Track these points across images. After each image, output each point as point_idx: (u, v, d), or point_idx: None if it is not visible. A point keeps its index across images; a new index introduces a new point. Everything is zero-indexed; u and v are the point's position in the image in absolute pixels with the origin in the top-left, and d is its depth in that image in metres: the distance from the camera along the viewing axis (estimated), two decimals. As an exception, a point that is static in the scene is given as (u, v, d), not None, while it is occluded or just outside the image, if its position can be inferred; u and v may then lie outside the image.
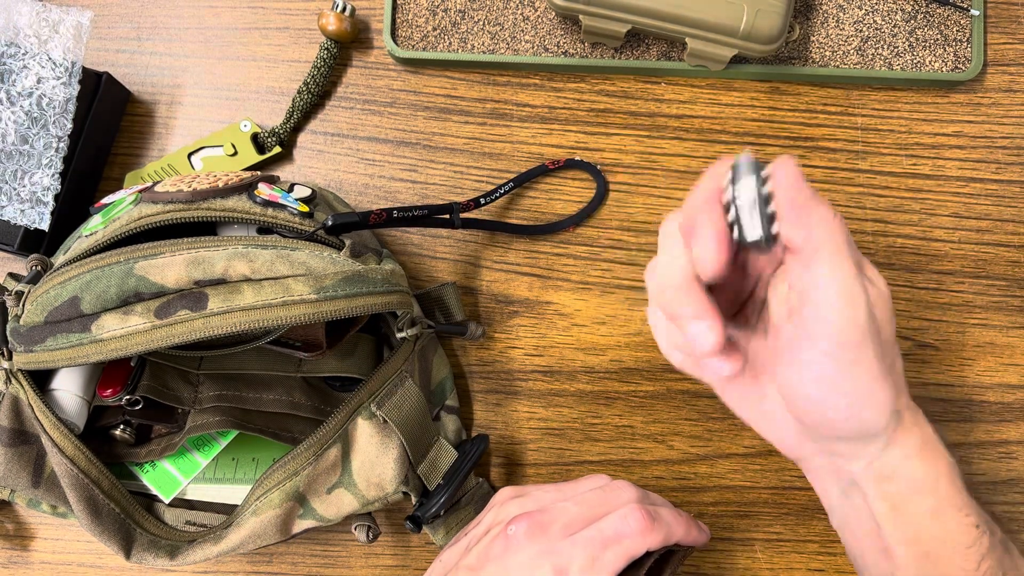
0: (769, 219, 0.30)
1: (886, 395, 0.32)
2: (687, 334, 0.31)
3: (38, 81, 0.42)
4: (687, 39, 0.45)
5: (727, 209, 0.30)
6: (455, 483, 0.41)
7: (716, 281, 0.31)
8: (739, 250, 0.32)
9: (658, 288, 0.32)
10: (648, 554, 0.36)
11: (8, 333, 0.36)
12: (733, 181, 0.30)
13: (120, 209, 0.39)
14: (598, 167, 0.48)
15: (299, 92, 0.47)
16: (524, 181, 0.47)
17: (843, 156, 0.48)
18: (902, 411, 0.33)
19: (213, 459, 0.44)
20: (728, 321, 0.34)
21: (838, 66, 0.48)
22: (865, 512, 0.35)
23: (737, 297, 0.35)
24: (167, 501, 0.43)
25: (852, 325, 0.30)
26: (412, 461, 0.40)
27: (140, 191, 0.39)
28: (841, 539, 0.38)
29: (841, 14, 0.48)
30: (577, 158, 0.48)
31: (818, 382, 0.31)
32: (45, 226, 0.43)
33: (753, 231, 0.30)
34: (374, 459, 0.39)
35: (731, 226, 0.30)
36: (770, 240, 0.30)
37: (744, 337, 0.35)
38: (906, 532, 0.35)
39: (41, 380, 0.39)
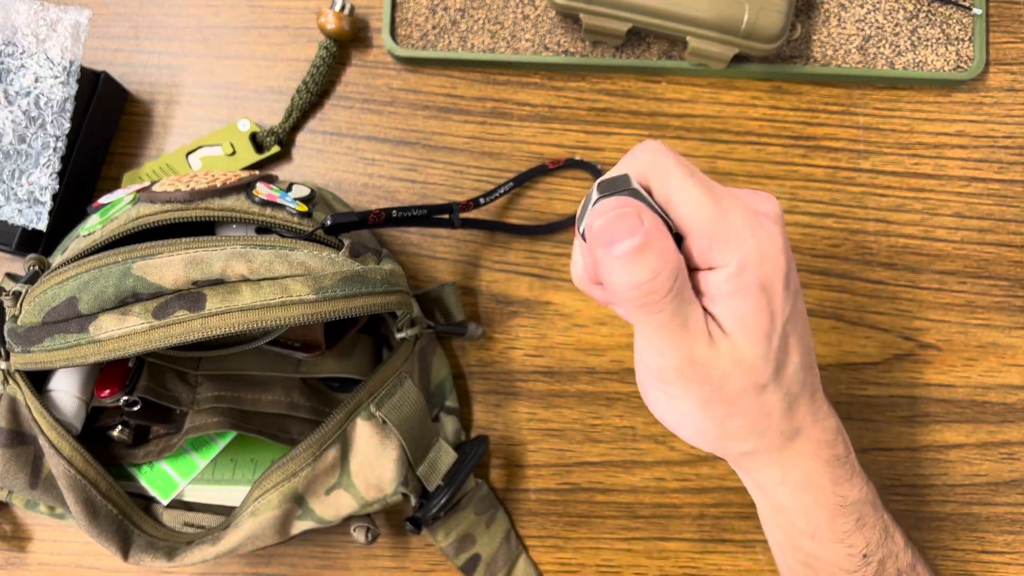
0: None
1: (704, 430, 0.32)
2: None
3: (36, 80, 0.42)
4: (688, 38, 0.45)
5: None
6: (455, 484, 0.41)
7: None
8: None
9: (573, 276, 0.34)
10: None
11: (6, 333, 0.36)
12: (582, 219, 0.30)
13: (118, 209, 0.38)
14: (598, 167, 0.48)
15: (298, 91, 0.47)
16: (524, 181, 0.47)
17: (845, 155, 0.48)
18: (756, 450, 0.32)
19: (211, 460, 0.44)
20: None
21: (840, 65, 0.47)
22: (756, 501, 0.36)
23: None
24: (165, 502, 0.43)
25: (655, 369, 0.30)
26: (411, 462, 0.40)
27: (138, 191, 0.39)
28: None
29: (843, 13, 0.48)
30: (577, 158, 0.48)
31: (641, 384, 0.33)
32: (43, 226, 0.43)
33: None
34: (373, 460, 0.38)
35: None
36: None
37: None
38: (783, 539, 0.35)
39: (39, 381, 0.38)
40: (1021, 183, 0.48)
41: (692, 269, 0.30)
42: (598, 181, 0.29)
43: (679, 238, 0.29)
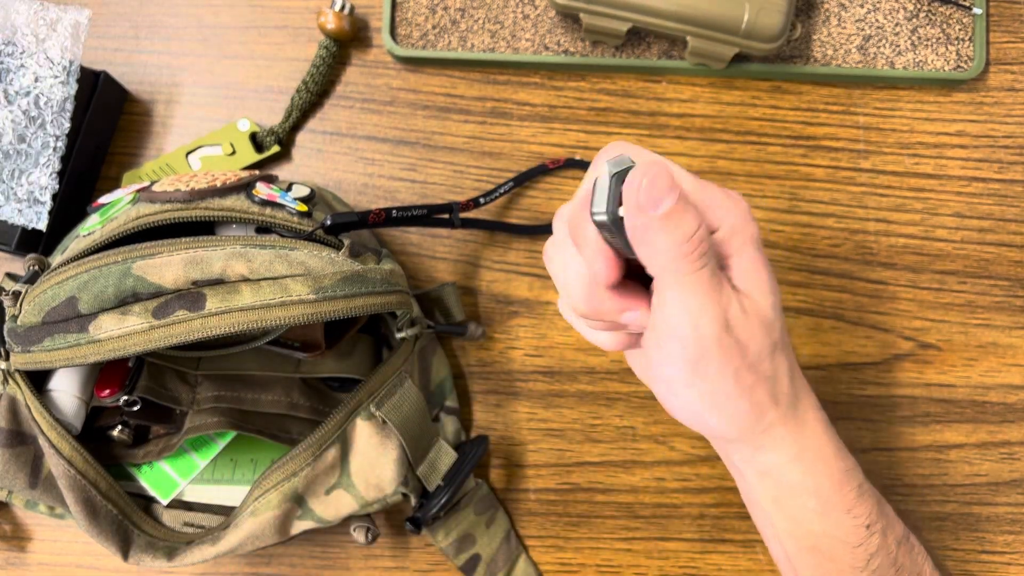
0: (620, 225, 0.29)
1: (736, 410, 0.31)
2: (592, 340, 0.33)
3: (36, 80, 0.42)
4: (688, 37, 0.45)
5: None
6: (455, 484, 0.41)
7: (616, 280, 0.31)
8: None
9: (563, 292, 0.32)
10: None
11: (6, 333, 0.36)
12: (596, 184, 0.29)
13: (118, 209, 0.38)
14: (598, 166, 0.48)
15: (298, 91, 0.47)
16: (524, 180, 0.47)
17: (845, 155, 0.48)
18: (772, 422, 0.32)
19: (211, 460, 0.44)
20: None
21: (840, 65, 0.47)
22: (751, 496, 0.36)
23: None
24: (165, 502, 0.43)
25: (695, 341, 0.30)
26: (411, 462, 0.40)
27: (138, 190, 0.39)
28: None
29: (843, 12, 0.48)
30: (577, 157, 0.48)
31: (663, 381, 0.32)
32: (43, 226, 0.43)
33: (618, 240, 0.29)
34: (373, 460, 0.38)
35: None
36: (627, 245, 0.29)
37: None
38: (790, 526, 0.35)
39: (39, 381, 0.38)
40: (1021, 183, 0.48)
41: None
42: (603, 168, 0.29)
43: None
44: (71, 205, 0.46)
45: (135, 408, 0.41)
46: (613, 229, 0.29)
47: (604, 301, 0.31)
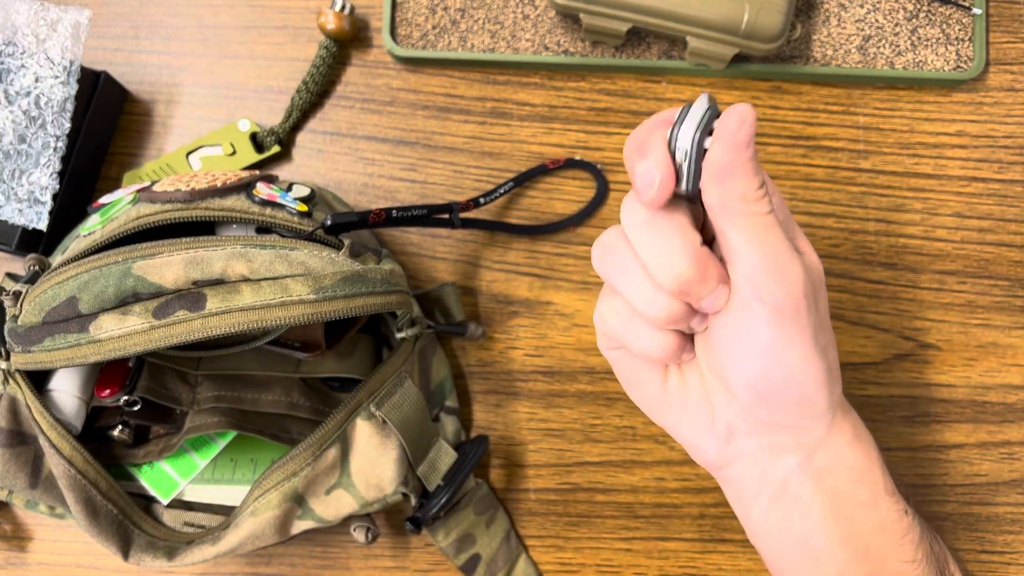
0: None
1: (820, 372, 0.31)
2: (645, 347, 0.32)
3: (36, 80, 0.42)
4: (688, 38, 0.45)
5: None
6: (455, 484, 0.41)
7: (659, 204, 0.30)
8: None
9: (656, 268, 0.31)
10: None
11: (6, 333, 0.36)
12: (679, 122, 0.29)
13: (118, 209, 0.38)
14: (598, 167, 0.48)
15: (298, 91, 0.47)
16: (524, 180, 0.47)
17: (845, 155, 0.48)
18: (836, 400, 0.33)
19: (211, 460, 0.44)
20: None
21: (840, 65, 0.47)
22: (795, 517, 0.34)
23: None
24: (165, 502, 0.43)
25: (787, 292, 0.29)
26: (411, 462, 0.40)
27: (138, 190, 0.39)
28: (761, 554, 0.37)
29: (843, 12, 0.48)
30: (577, 157, 0.48)
31: (758, 351, 0.30)
32: (43, 226, 0.43)
33: (682, 182, 0.29)
34: (373, 460, 0.38)
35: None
36: (698, 196, 0.30)
37: None
38: (844, 529, 0.34)
39: (39, 381, 0.38)
40: (1021, 183, 0.48)
41: None
42: (700, 99, 0.29)
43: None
44: (71, 205, 0.46)
45: (135, 408, 0.41)
46: (691, 163, 0.29)
47: (711, 263, 0.30)
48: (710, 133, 0.29)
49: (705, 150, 0.29)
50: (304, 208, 0.39)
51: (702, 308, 0.31)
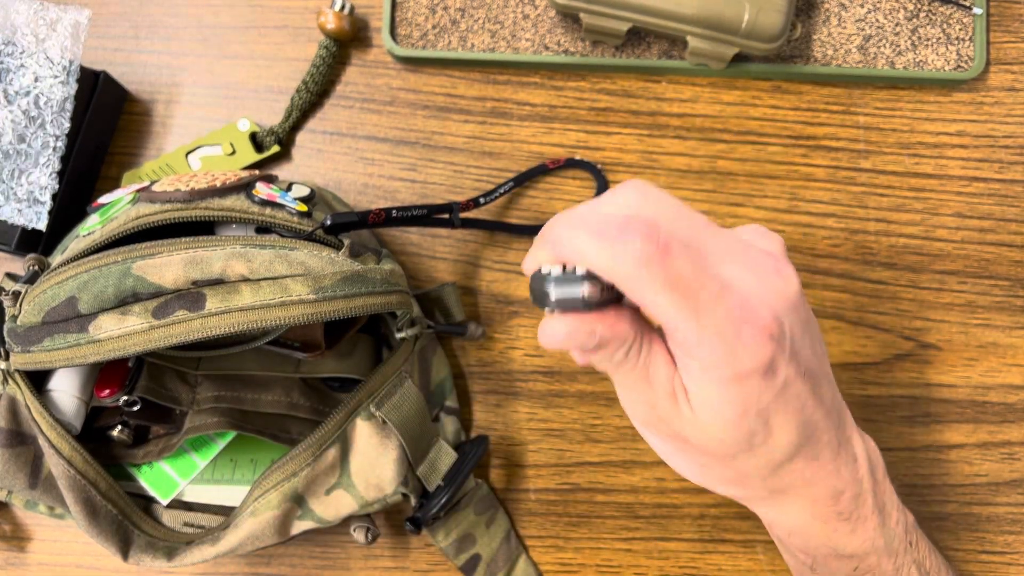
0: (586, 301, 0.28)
1: (688, 471, 0.33)
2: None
3: (36, 80, 0.42)
4: (688, 37, 0.45)
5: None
6: (455, 484, 0.41)
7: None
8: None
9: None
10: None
11: (5, 333, 0.36)
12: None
13: (118, 208, 0.38)
14: (598, 166, 0.48)
15: (298, 91, 0.47)
16: (524, 180, 0.47)
17: (845, 155, 0.48)
18: (737, 496, 0.34)
19: (211, 460, 0.44)
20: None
21: (840, 64, 0.47)
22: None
23: None
24: (165, 502, 0.43)
25: (633, 418, 0.31)
26: (411, 462, 0.40)
27: (138, 190, 0.39)
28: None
29: (843, 12, 0.48)
30: (577, 157, 0.48)
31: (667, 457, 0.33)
32: (42, 226, 0.43)
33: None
34: (373, 460, 0.38)
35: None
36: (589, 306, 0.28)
37: None
38: (788, 555, 0.36)
39: (38, 381, 0.38)
40: (1022, 183, 0.48)
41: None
42: (553, 275, 0.28)
43: None
44: (71, 205, 0.46)
45: (135, 408, 0.41)
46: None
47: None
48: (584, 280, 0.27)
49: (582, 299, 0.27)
50: (304, 208, 0.39)
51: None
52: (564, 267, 0.28)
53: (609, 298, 0.28)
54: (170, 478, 0.43)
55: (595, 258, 0.26)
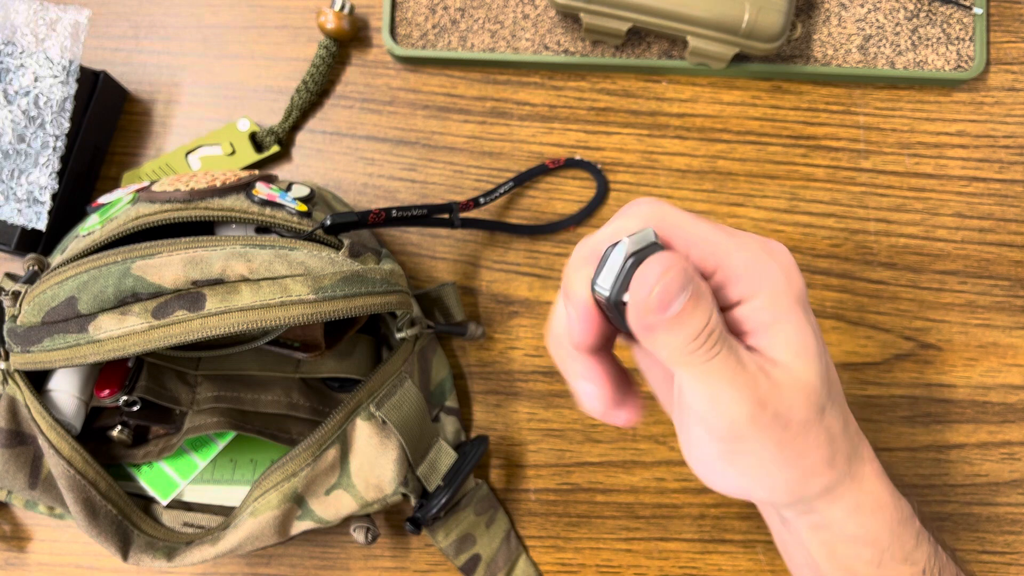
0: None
1: (785, 479, 0.29)
2: (573, 389, 0.30)
3: (35, 80, 0.42)
4: (688, 37, 0.45)
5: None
6: (455, 484, 0.41)
7: (593, 344, 0.29)
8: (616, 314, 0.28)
9: (550, 337, 0.31)
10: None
11: (5, 333, 0.36)
12: (600, 267, 0.27)
13: (117, 208, 0.38)
14: (598, 166, 0.48)
15: (297, 91, 0.47)
16: (524, 180, 0.47)
17: (845, 155, 0.48)
18: (828, 485, 0.31)
19: (211, 460, 0.44)
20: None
21: (840, 64, 0.47)
22: (798, 549, 0.34)
23: None
24: (165, 502, 0.43)
25: (726, 425, 0.28)
26: (411, 462, 0.40)
27: (137, 190, 0.39)
28: (784, 559, 0.37)
29: (843, 12, 0.48)
30: (577, 157, 0.48)
31: (697, 460, 0.30)
32: (42, 226, 0.43)
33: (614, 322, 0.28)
34: (373, 460, 0.38)
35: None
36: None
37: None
38: (843, 574, 0.33)
39: (38, 381, 0.38)
40: (1022, 183, 0.48)
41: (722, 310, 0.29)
42: (621, 243, 0.27)
43: None
44: (70, 205, 0.46)
45: (135, 408, 0.41)
46: (614, 310, 0.27)
47: (564, 357, 0.30)
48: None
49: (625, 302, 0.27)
50: (304, 208, 0.39)
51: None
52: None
53: None
54: (170, 478, 0.43)
55: (636, 216, 0.29)
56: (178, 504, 0.43)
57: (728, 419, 0.28)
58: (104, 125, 0.48)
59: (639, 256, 0.26)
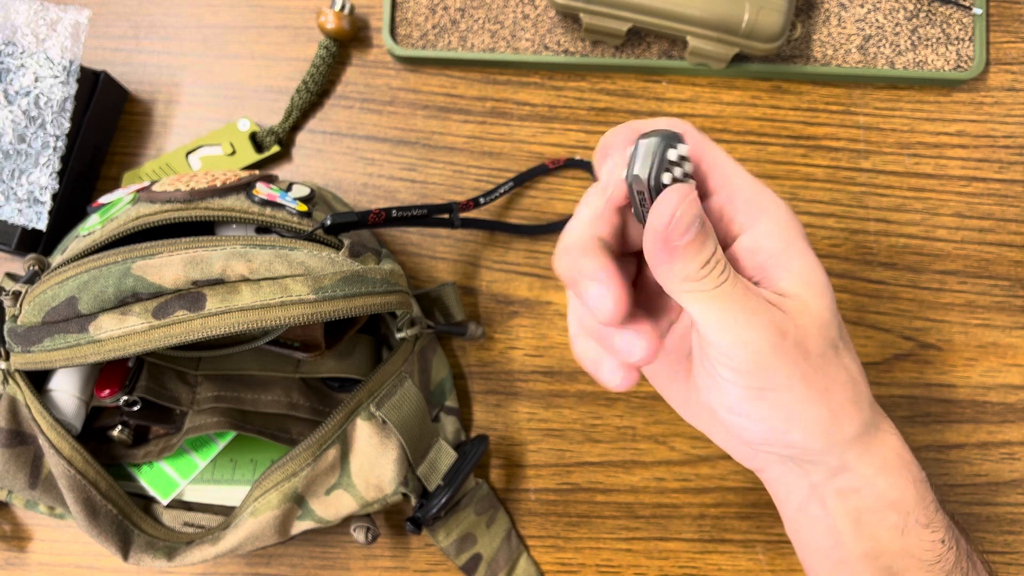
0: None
1: (817, 417, 0.29)
2: (585, 301, 0.29)
3: (36, 80, 0.42)
4: (688, 37, 0.45)
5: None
6: (455, 484, 0.41)
7: (614, 250, 0.30)
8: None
9: (560, 250, 0.30)
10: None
11: (6, 333, 0.36)
12: (632, 159, 0.28)
13: (118, 208, 0.38)
14: (599, 166, 0.48)
15: (298, 91, 0.47)
16: (524, 180, 0.47)
17: (845, 155, 0.48)
18: (858, 430, 0.31)
19: (211, 460, 0.44)
20: (657, 315, 0.33)
21: (840, 64, 0.47)
22: (822, 525, 0.33)
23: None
24: (165, 502, 0.43)
25: (750, 357, 0.28)
26: (411, 462, 0.40)
27: (138, 190, 0.39)
28: (795, 548, 0.36)
29: (843, 12, 0.48)
30: (577, 157, 0.48)
31: (728, 409, 0.30)
32: (42, 226, 0.43)
33: (638, 214, 0.29)
34: (373, 460, 0.38)
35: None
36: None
37: (676, 334, 0.34)
38: (867, 546, 0.33)
39: (38, 381, 0.38)
40: (1021, 183, 0.48)
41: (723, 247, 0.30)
42: (654, 133, 0.28)
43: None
44: (71, 205, 0.46)
45: (135, 408, 0.41)
46: (648, 196, 0.28)
47: (577, 258, 0.29)
48: (668, 168, 0.28)
49: (664, 185, 0.28)
50: (304, 208, 0.39)
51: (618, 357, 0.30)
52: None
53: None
54: (170, 478, 0.43)
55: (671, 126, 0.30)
56: (178, 504, 0.43)
57: (751, 349, 0.28)
58: (104, 125, 0.48)
59: (669, 141, 0.28)
